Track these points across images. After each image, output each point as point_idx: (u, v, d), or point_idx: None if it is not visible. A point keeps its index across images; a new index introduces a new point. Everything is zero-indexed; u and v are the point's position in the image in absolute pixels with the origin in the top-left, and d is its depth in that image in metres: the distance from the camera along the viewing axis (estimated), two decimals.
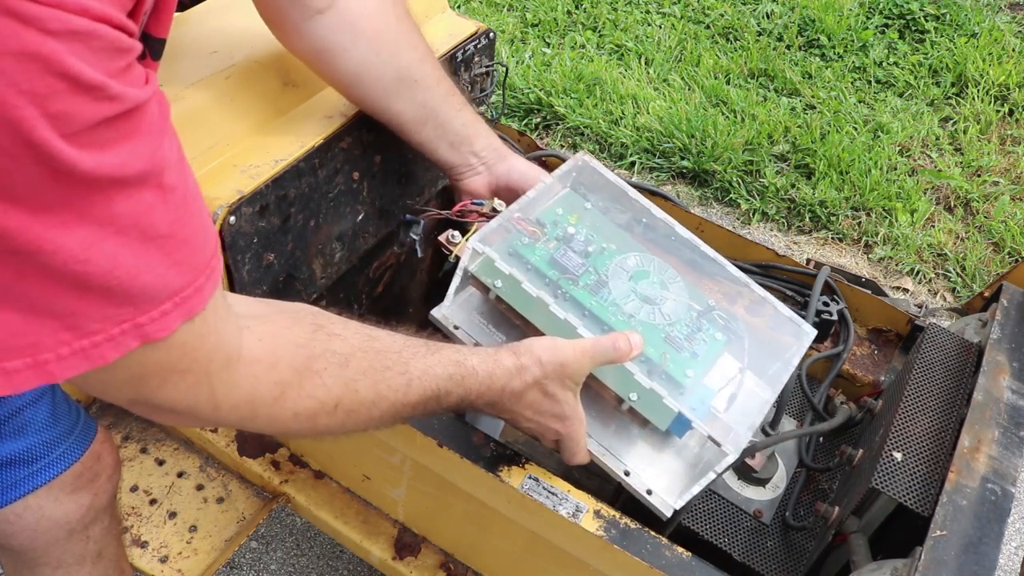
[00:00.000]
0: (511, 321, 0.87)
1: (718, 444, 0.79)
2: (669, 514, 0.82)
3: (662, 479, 0.84)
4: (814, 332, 0.91)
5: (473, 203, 0.96)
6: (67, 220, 0.40)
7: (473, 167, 0.99)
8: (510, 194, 0.97)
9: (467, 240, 0.87)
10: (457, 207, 0.96)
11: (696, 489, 0.82)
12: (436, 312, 0.87)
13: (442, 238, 0.89)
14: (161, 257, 0.46)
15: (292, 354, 0.60)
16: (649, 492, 0.82)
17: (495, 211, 0.94)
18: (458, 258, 0.86)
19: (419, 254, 0.98)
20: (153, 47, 0.56)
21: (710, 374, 0.86)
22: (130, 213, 0.43)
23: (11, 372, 0.43)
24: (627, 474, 0.83)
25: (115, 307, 0.45)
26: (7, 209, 0.38)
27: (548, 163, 1.27)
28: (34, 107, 0.36)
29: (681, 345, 0.86)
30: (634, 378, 0.79)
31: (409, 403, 0.67)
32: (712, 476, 0.81)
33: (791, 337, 0.90)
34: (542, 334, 0.82)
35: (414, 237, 0.97)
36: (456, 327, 0.87)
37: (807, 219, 2.27)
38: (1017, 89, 2.68)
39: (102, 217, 0.42)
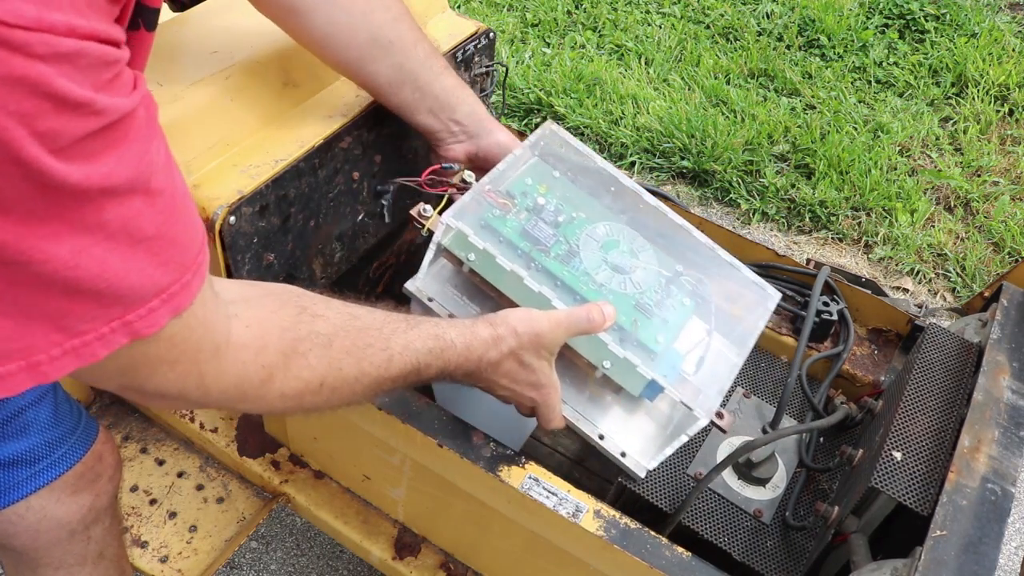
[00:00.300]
0: (485, 293, 0.88)
1: (690, 409, 0.82)
2: (643, 475, 0.85)
3: (636, 442, 0.87)
4: (778, 295, 0.93)
5: (443, 167, 0.96)
6: (58, 230, 0.41)
7: (455, 134, 0.98)
8: (490, 166, 0.96)
9: (438, 213, 0.88)
10: (426, 173, 0.95)
11: (668, 451, 0.84)
12: (410, 284, 0.88)
13: (414, 212, 0.89)
14: (149, 258, 0.47)
15: (279, 338, 0.61)
16: (623, 454, 0.85)
17: (464, 182, 0.94)
18: (431, 232, 0.86)
19: (387, 220, 0.98)
20: (147, 17, 0.57)
21: (679, 339, 0.88)
22: (118, 219, 0.44)
23: (5, 376, 0.44)
24: (601, 438, 0.86)
25: (104, 307, 0.46)
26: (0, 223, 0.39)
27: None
28: (23, 127, 0.38)
29: (651, 312, 0.88)
30: (608, 347, 0.82)
31: (390, 377, 0.69)
32: (684, 439, 0.84)
33: (757, 300, 0.93)
34: (516, 305, 0.84)
35: (383, 203, 0.96)
36: (430, 299, 0.88)
37: (807, 219, 2.27)
38: (1017, 89, 2.68)
39: (91, 225, 0.43)
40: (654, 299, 0.89)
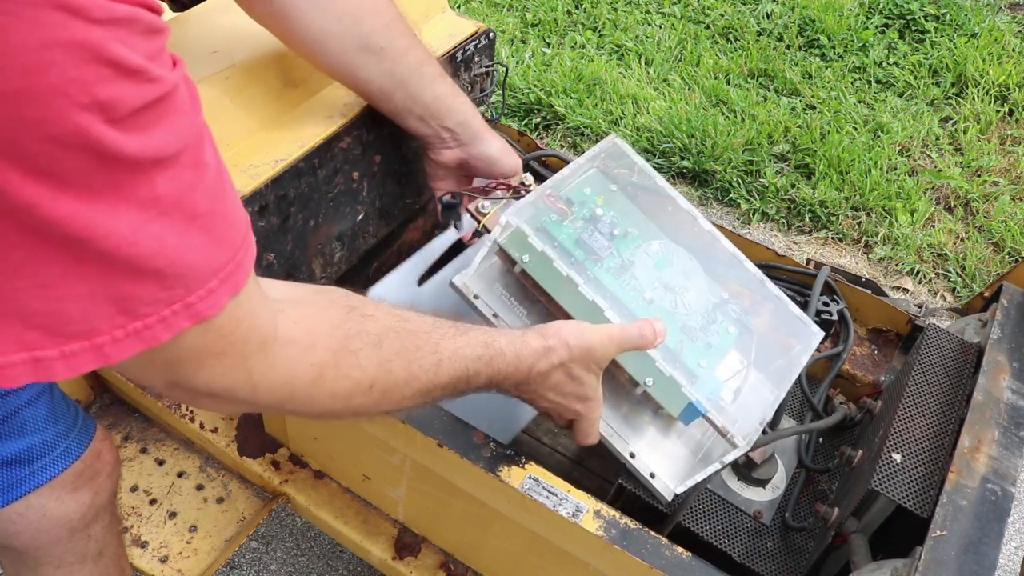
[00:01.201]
0: (533, 296, 0.87)
1: (728, 434, 0.81)
2: (670, 498, 0.84)
3: (665, 464, 0.86)
4: (821, 333, 0.92)
5: (501, 181, 0.97)
6: (115, 204, 0.41)
7: (444, 141, 0.98)
8: (479, 174, 0.97)
9: (496, 211, 0.88)
10: (490, 185, 0.97)
11: (700, 477, 0.83)
12: (457, 280, 0.86)
13: (471, 207, 0.91)
14: (203, 235, 0.46)
15: (328, 335, 0.60)
16: (652, 475, 0.84)
17: (523, 185, 0.95)
18: (486, 229, 0.86)
19: (460, 231, 0.99)
20: None
21: (720, 366, 0.88)
22: (172, 193, 0.44)
23: (70, 355, 0.44)
24: (632, 456, 0.85)
25: (167, 289, 0.45)
26: (59, 196, 0.39)
27: (548, 163, 1.27)
28: (83, 95, 0.37)
29: (696, 335, 0.87)
30: (655, 365, 0.81)
31: (440, 384, 0.68)
32: (719, 467, 0.83)
33: (799, 337, 0.92)
34: (563, 311, 0.83)
35: (457, 214, 0.98)
36: (476, 296, 0.87)
37: (807, 219, 2.27)
38: (1017, 89, 2.68)
39: (146, 199, 0.42)
40: (700, 323, 0.88)
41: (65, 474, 0.88)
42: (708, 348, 0.87)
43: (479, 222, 0.89)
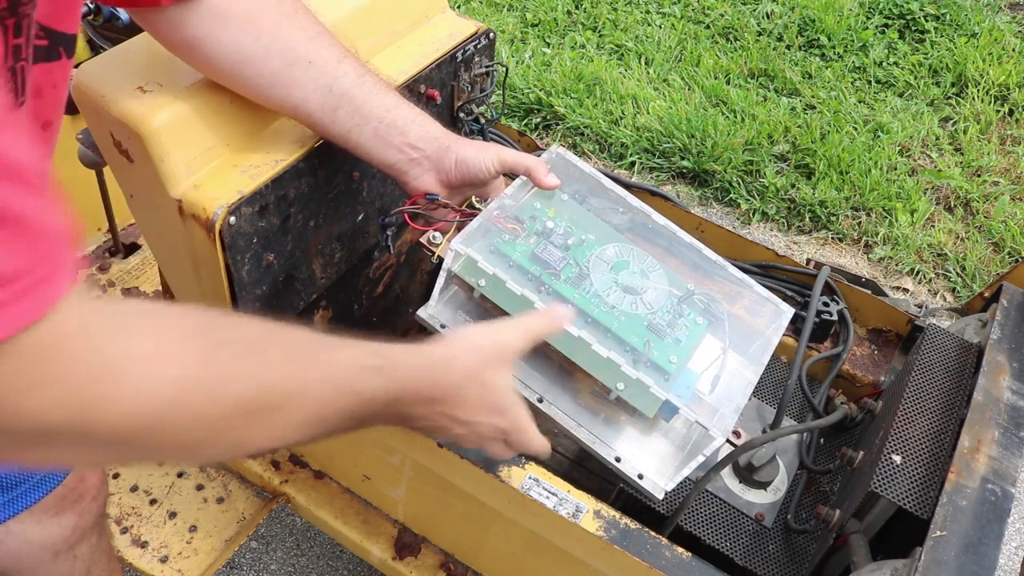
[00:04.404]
0: (497, 318, 0.87)
1: (706, 429, 0.81)
2: (660, 496, 0.84)
3: (652, 463, 0.86)
4: (792, 311, 0.93)
5: (427, 196, 0.90)
6: None
7: (418, 163, 0.88)
8: (465, 185, 0.90)
9: (448, 240, 0.88)
10: (409, 202, 0.91)
11: (686, 471, 0.84)
12: (422, 312, 0.87)
13: (423, 239, 0.88)
14: None
15: (188, 344, 0.49)
16: (640, 476, 0.85)
17: (472, 207, 0.94)
18: (441, 259, 0.86)
19: (390, 252, 0.99)
20: (65, 43, 0.53)
21: (693, 358, 0.88)
22: None
23: None
24: (618, 460, 0.85)
25: None
26: None
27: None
28: None
29: (664, 332, 0.88)
30: (621, 369, 0.81)
31: (327, 402, 0.57)
32: (701, 459, 0.83)
33: (770, 317, 0.93)
34: None
35: (388, 235, 0.96)
36: (443, 326, 0.88)
37: (807, 219, 2.27)
38: (1017, 89, 2.68)
39: None
40: (666, 319, 0.89)
41: (46, 500, 0.86)
42: (677, 343, 0.88)
43: (432, 253, 0.87)
